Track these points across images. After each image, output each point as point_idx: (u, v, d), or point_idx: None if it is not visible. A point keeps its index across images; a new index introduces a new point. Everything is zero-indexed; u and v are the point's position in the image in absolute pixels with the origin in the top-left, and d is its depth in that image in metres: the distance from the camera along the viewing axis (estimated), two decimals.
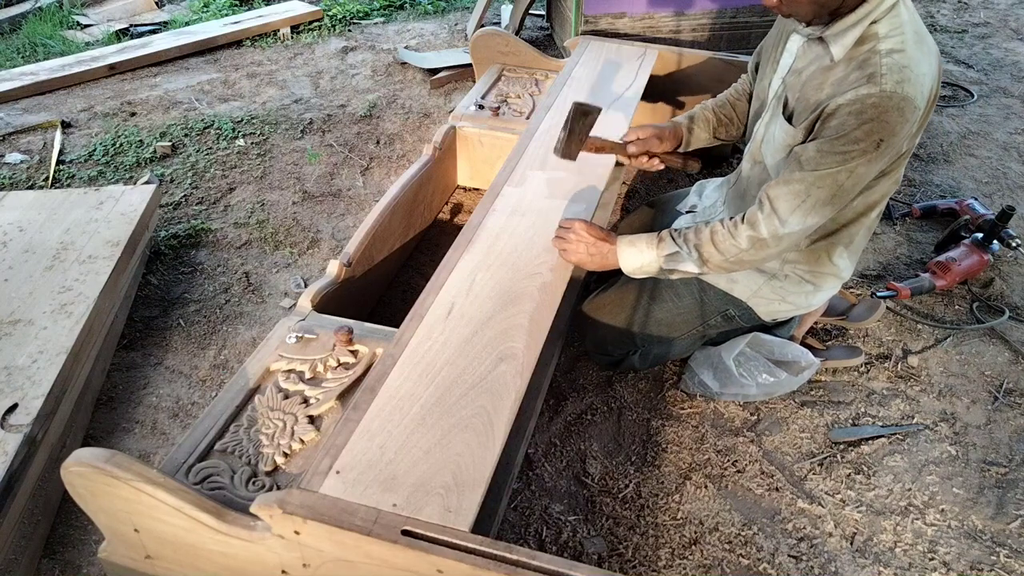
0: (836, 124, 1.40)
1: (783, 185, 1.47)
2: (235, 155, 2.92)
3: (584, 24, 3.17)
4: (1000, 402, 1.93)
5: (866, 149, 1.39)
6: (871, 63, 1.38)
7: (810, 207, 1.46)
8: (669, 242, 1.62)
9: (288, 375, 1.50)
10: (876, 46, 1.39)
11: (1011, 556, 1.58)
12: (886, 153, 1.41)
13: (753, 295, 1.76)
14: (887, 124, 1.36)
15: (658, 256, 1.63)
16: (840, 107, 1.39)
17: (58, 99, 3.34)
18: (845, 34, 1.42)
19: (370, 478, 1.21)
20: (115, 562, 1.35)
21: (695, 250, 1.59)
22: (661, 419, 1.87)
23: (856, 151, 1.39)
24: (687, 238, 1.60)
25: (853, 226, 1.64)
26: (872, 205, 1.61)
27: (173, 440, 1.80)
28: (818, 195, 1.45)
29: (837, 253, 1.68)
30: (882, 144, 1.38)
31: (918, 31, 1.42)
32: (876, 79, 1.36)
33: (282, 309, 2.20)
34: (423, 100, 3.36)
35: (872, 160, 1.40)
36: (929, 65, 1.40)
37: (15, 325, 1.80)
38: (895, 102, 1.35)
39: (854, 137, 1.38)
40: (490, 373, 1.40)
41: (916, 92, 1.36)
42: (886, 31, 1.39)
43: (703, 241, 1.58)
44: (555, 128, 2.19)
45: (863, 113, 1.37)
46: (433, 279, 1.63)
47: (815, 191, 1.44)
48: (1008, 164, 2.93)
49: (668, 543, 1.60)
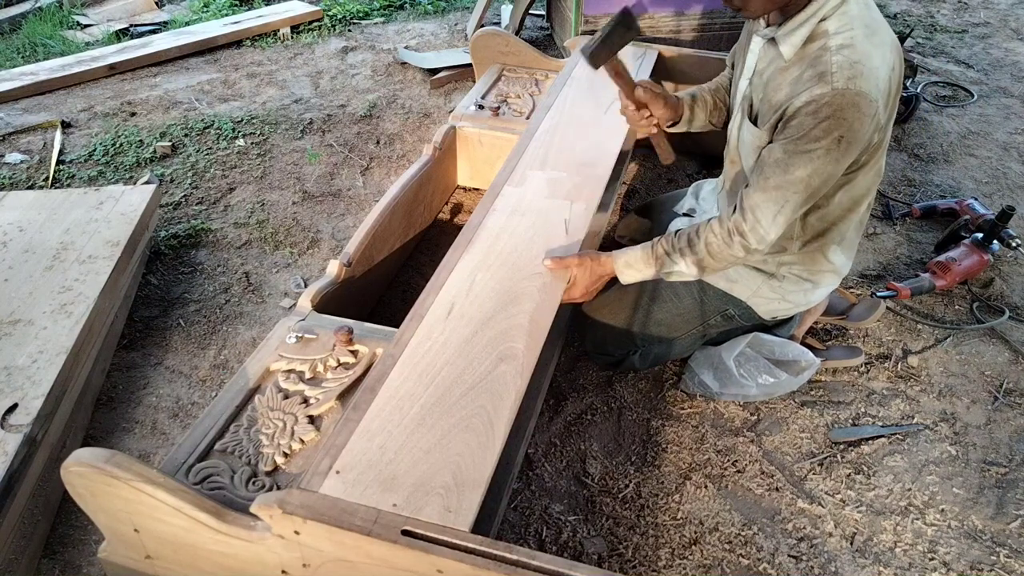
0: (795, 124, 1.42)
1: (759, 193, 1.49)
2: (235, 155, 2.92)
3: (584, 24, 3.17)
4: (1000, 402, 1.93)
5: (828, 147, 1.40)
6: (822, 61, 1.39)
7: (789, 212, 1.49)
8: (666, 260, 1.65)
9: (288, 375, 1.50)
10: (826, 43, 1.40)
11: (1011, 556, 1.58)
12: (850, 149, 1.42)
13: (753, 295, 1.76)
14: (844, 120, 1.37)
15: (656, 271, 1.67)
16: (798, 109, 1.41)
17: (58, 99, 3.34)
18: (793, 33, 1.44)
19: (370, 478, 1.21)
20: (115, 562, 1.35)
21: (694, 265, 1.63)
22: (661, 419, 1.87)
23: (819, 149, 1.40)
24: (683, 252, 1.62)
25: (842, 223, 1.65)
26: (858, 200, 1.61)
27: (173, 440, 1.80)
28: (794, 200, 1.47)
29: (831, 251, 1.69)
30: (843, 140, 1.39)
31: (869, 24, 1.41)
32: (827, 77, 1.37)
33: (282, 309, 2.20)
34: (423, 100, 3.36)
35: (837, 157, 1.42)
36: (883, 57, 1.40)
37: (15, 325, 1.80)
38: (849, 98, 1.36)
39: (814, 136, 1.40)
40: (490, 373, 1.40)
41: (870, 86, 1.36)
42: (836, 27, 1.40)
43: (700, 254, 1.60)
44: (555, 128, 2.19)
45: (819, 112, 1.38)
46: (433, 279, 1.63)
47: (791, 196, 1.47)
48: (1008, 164, 2.93)
49: (668, 543, 1.60)
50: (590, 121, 2.23)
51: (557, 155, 2.07)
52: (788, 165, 1.44)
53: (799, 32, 1.43)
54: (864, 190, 1.59)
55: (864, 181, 1.57)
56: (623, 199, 2.70)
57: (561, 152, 2.08)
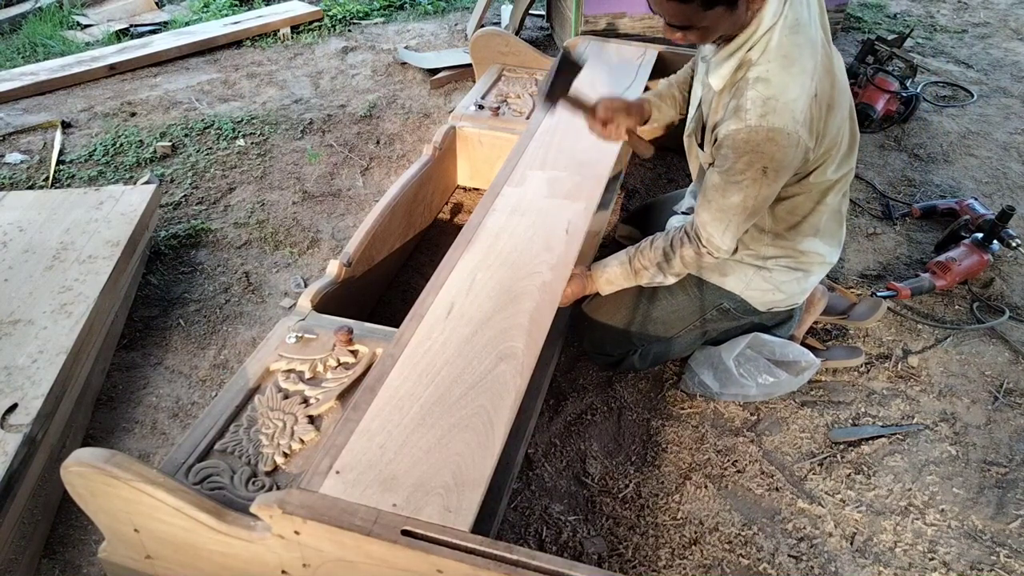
0: (721, 155, 1.48)
1: (706, 212, 1.56)
2: (235, 155, 2.92)
3: (584, 24, 3.17)
4: (1000, 402, 1.93)
5: (754, 177, 1.45)
6: (740, 92, 1.42)
7: (735, 228, 1.56)
8: (645, 274, 1.72)
9: (288, 375, 1.50)
10: (747, 74, 1.42)
11: (1011, 556, 1.58)
12: (778, 175, 1.46)
13: (746, 287, 1.76)
14: (763, 154, 1.41)
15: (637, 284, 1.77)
16: (723, 141, 1.46)
17: (58, 99, 3.34)
18: (721, 65, 1.47)
19: (370, 478, 1.21)
20: (115, 562, 1.35)
21: (672, 276, 1.71)
22: (661, 419, 1.87)
23: (746, 180, 1.46)
24: (661, 268, 1.69)
25: (813, 216, 1.66)
26: (823, 192, 1.62)
27: (173, 440, 1.80)
28: (736, 219, 1.54)
29: (809, 243, 1.70)
30: (768, 170, 1.44)
31: (788, 54, 1.40)
32: (741, 114, 1.41)
33: (282, 309, 2.20)
34: (423, 100, 3.36)
35: (766, 184, 1.47)
36: (801, 86, 1.40)
37: (15, 325, 1.80)
38: (762, 135, 1.39)
39: (738, 169, 1.45)
40: (490, 373, 1.40)
41: (784, 120, 1.38)
42: (757, 56, 1.42)
43: (674, 266, 1.67)
44: (555, 128, 2.19)
45: (737, 148, 1.43)
46: (433, 279, 1.63)
47: (732, 217, 1.53)
48: (1008, 164, 2.93)
49: (668, 543, 1.60)
50: None
51: (557, 155, 2.07)
52: (724, 191, 1.50)
53: (728, 64, 1.46)
54: (828, 183, 1.60)
55: (821, 178, 1.57)
56: (623, 199, 2.70)
57: (561, 152, 2.08)
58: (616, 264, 1.75)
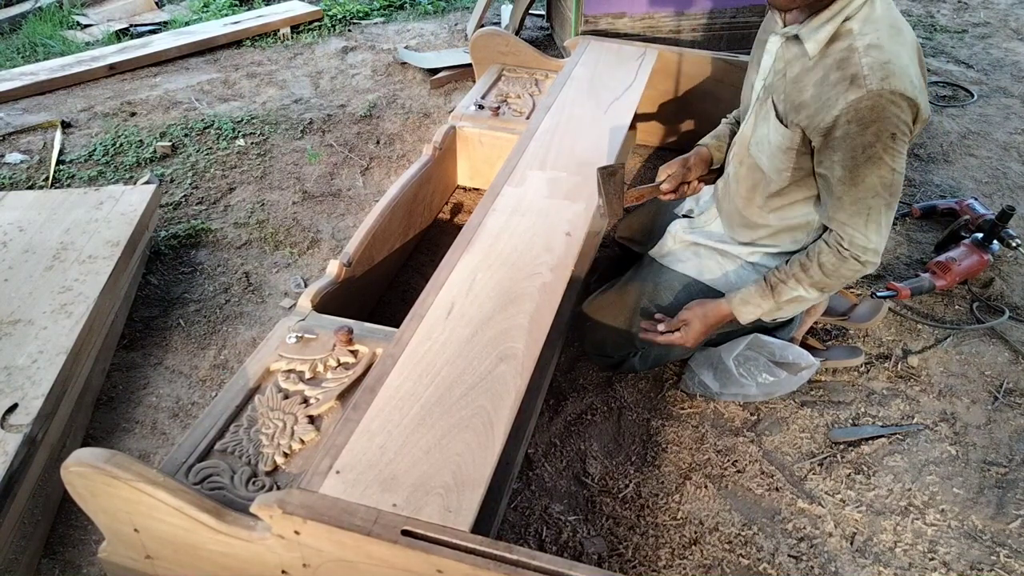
0: (841, 135, 1.41)
1: (840, 212, 1.49)
2: (235, 155, 2.92)
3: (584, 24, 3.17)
4: (1000, 402, 1.93)
5: (886, 146, 1.39)
6: (851, 63, 1.38)
7: (879, 215, 1.47)
8: (782, 288, 1.62)
9: (288, 375, 1.50)
10: (853, 43, 1.39)
11: (1011, 556, 1.58)
12: (904, 141, 1.41)
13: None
14: (890, 119, 1.37)
15: (776, 303, 1.64)
16: (837, 119, 1.40)
17: (58, 99, 3.34)
18: (818, 30, 1.43)
19: (370, 478, 1.21)
20: (115, 562, 1.35)
21: (812, 289, 1.60)
22: (661, 419, 1.87)
23: (878, 151, 1.40)
24: (798, 278, 1.60)
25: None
26: None
27: (173, 440, 1.80)
28: (878, 203, 1.46)
29: None
30: (897, 136, 1.39)
31: (893, 23, 1.41)
32: (859, 81, 1.37)
33: (282, 309, 2.20)
34: (423, 100, 3.36)
35: (898, 153, 1.42)
36: (909, 57, 1.41)
37: (15, 325, 1.80)
38: (887, 98, 1.35)
39: (867, 142, 1.39)
40: (490, 373, 1.40)
41: (904, 84, 1.36)
42: (860, 27, 1.40)
43: (814, 275, 1.58)
44: (555, 128, 2.19)
45: (862, 118, 1.38)
46: (433, 279, 1.63)
47: (872, 202, 1.45)
48: (1008, 164, 2.93)
49: (668, 543, 1.60)
50: (590, 121, 2.23)
51: (557, 155, 2.07)
52: (855, 177, 1.43)
53: (824, 29, 1.42)
54: None
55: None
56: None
57: (561, 152, 2.08)
58: (752, 284, 1.68)
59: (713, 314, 1.71)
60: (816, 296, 1.63)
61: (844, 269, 1.55)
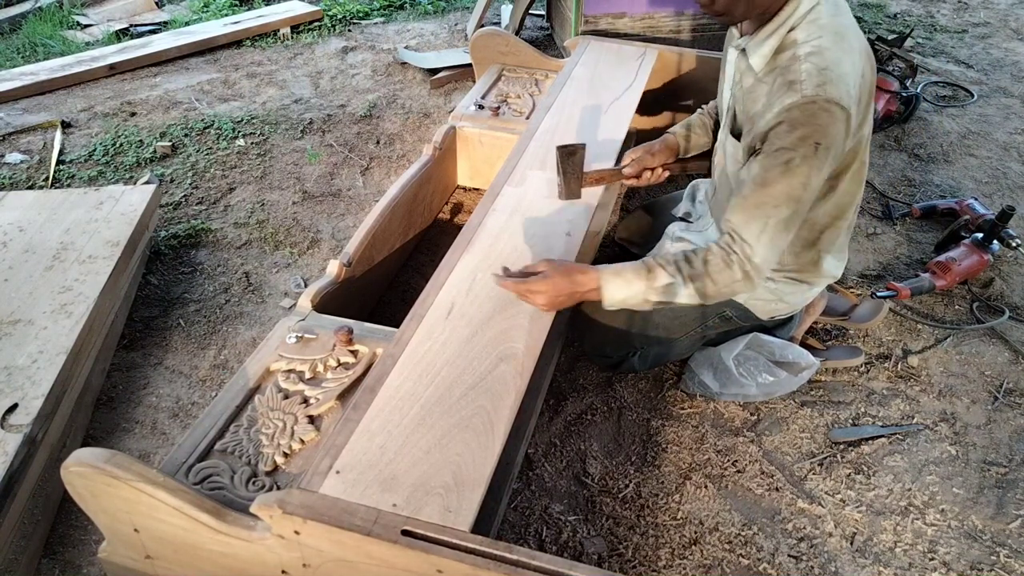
0: (771, 136, 1.40)
1: (740, 213, 1.44)
2: (235, 155, 2.92)
3: (584, 24, 3.17)
4: (1000, 402, 1.93)
5: (806, 155, 1.36)
6: (792, 70, 1.38)
7: (774, 229, 1.42)
8: (662, 273, 1.48)
9: (288, 375, 1.50)
10: (796, 52, 1.39)
11: (1011, 556, 1.58)
12: (827, 155, 1.38)
13: (750, 297, 1.76)
14: (818, 127, 1.35)
15: (648, 287, 1.49)
16: (771, 122, 1.39)
17: (58, 99, 3.34)
18: (762, 44, 1.43)
19: (370, 478, 1.21)
20: (115, 562, 1.35)
21: (690, 282, 1.48)
22: (661, 419, 1.87)
23: (796, 158, 1.36)
24: (680, 268, 1.48)
25: (830, 231, 1.65)
26: (844, 207, 1.61)
27: (173, 440, 1.80)
28: (777, 215, 1.41)
29: (822, 258, 1.70)
30: (819, 147, 1.36)
31: (839, 31, 1.40)
32: (796, 86, 1.36)
33: (282, 309, 2.20)
34: (423, 100, 3.36)
35: (815, 165, 1.37)
36: (852, 63, 1.38)
37: (15, 325, 1.80)
38: (820, 104, 1.34)
39: (789, 145, 1.37)
40: (490, 373, 1.40)
41: (840, 92, 1.34)
42: (804, 36, 1.39)
43: (698, 273, 1.48)
44: (555, 128, 2.19)
45: (792, 121, 1.36)
46: (433, 279, 1.63)
47: (773, 212, 1.41)
48: (1008, 164, 2.93)
49: (668, 543, 1.60)
50: (590, 121, 2.23)
51: None
52: (765, 179, 1.39)
53: (768, 43, 1.42)
54: (849, 197, 1.59)
55: (848, 187, 1.56)
56: (623, 199, 2.70)
57: None
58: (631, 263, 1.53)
59: (577, 274, 1.49)
60: (689, 294, 1.49)
61: (725, 275, 1.46)
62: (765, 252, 1.44)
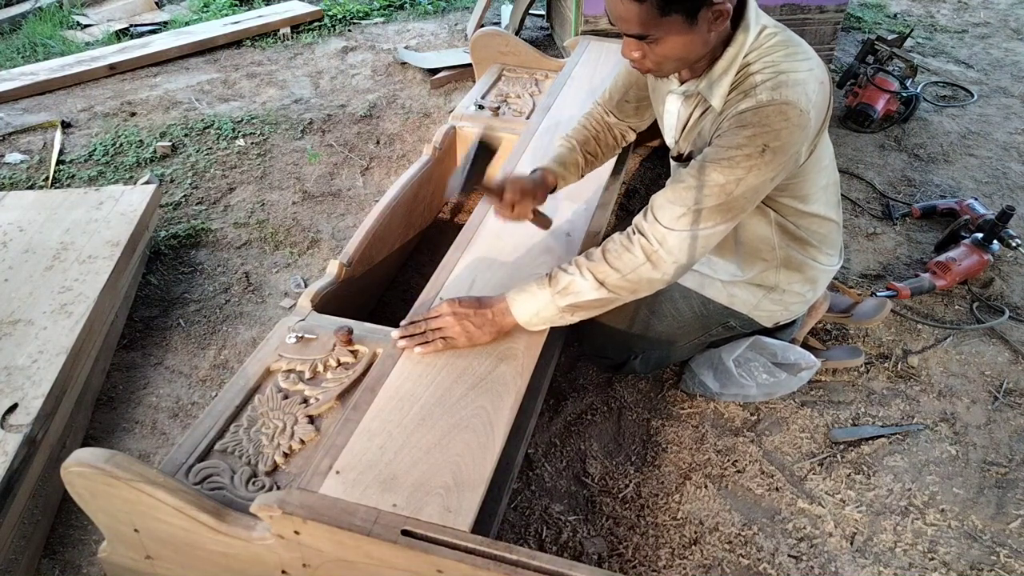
0: (722, 134, 1.38)
1: (669, 192, 1.40)
2: (235, 155, 2.92)
3: (584, 24, 3.17)
4: (1000, 402, 1.93)
5: (750, 154, 1.32)
6: (748, 83, 1.36)
7: (695, 219, 1.37)
8: (561, 275, 1.44)
9: (288, 375, 1.50)
10: (750, 72, 1.37)
11: (1011, 556, 1.58)
12: (775, 159, 1.34)
13: (754, 308, 1.76)
14: (770, 129, 1.32)
15: (552, 293, 1.43)
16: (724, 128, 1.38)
17: (58, 99, 3.34)
18: (720, 82, 1.40)
19: (370, 478, 1.21)
20: (115, 562, 1.35)
21: (588, 272, 1.41)
22: (661, 419, 1.87)
23: (740, 156, 1.33)
24: (578, 263, 1.44)
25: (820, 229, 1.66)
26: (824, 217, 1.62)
27: (173, 440, 1.80)
28: (707, 203, 1.36)
29: (814, 255, 1.70)
30: (767, 151, 1.32)
31: (788, 44, 1.39)
32: (752, 92, 1.34)
33: (282, 309, 2.20)
34: (423, 100, 3.36)
35: (759, 168, 1.34)
36: (808, 71, 1.36)
37: (15, 325, 1.80)
38: (774, 107, 1.32)
39: (737, 143, 1.34)
40: (490, 373, 1.40)
41: (796, 95, 1.32)
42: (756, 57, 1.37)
43: (595, 260, 1.42)
44: (555, 128, 2.19)
45: (744, 122, 1.34)
46: (433, 279, 1.63)
47: (702, 199, 1.36)
48: (1008, 164, 2.93)
49: (668, 543, 1.60)
50: None
51: None
52: (704, 169, 1.36)
53: (724, 81, 1.39)
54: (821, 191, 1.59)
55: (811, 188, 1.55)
56: (623, 199, 2.70)
57: None
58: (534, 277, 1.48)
59: (483, 299, 1.47)
60: (591, 286, 1.41)
61: (625, 259, 1.39)
62: (680, 241, 1.38)
